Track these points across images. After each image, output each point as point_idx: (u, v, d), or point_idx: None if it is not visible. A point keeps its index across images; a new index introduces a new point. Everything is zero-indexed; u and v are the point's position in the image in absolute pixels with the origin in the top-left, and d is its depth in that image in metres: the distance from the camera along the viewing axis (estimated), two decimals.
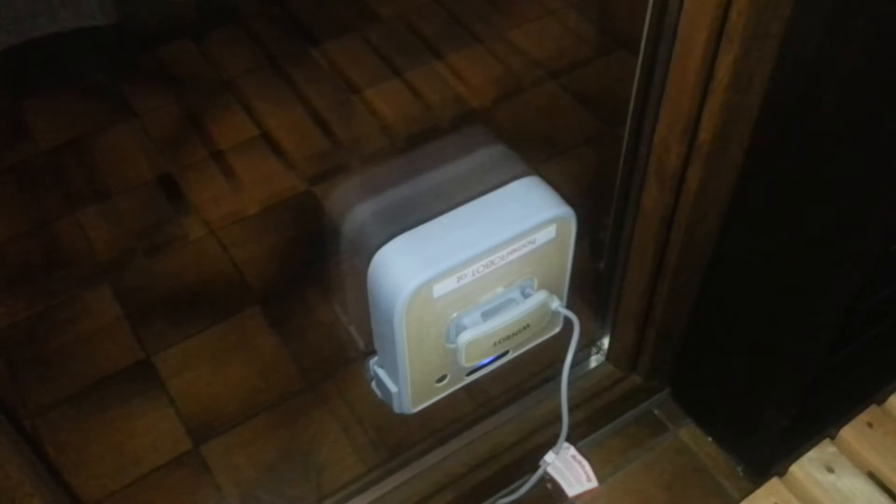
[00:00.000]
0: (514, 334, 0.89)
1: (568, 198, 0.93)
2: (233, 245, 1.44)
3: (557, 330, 0.95)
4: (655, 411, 1.27)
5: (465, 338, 0.85)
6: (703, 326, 1.15)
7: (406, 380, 0.88)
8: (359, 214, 1.11)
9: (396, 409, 0.94)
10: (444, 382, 0.93)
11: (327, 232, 1.47)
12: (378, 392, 0.95)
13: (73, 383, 1.28)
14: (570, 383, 0.98)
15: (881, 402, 1.13)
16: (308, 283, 1.40)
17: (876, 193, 0.84)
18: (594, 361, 1.26)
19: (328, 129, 1.62)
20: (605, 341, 1.24)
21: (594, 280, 1.21)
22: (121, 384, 1.28)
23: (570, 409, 1.05)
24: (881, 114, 0.80)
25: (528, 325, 0.90)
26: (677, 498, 1.18)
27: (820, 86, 0.83)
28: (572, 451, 1.12)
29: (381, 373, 0.92)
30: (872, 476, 1.04)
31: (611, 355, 1.25)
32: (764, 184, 0.95)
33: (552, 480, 1.18)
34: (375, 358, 0.93)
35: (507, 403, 1.22)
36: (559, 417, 1.05)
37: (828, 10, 0.79)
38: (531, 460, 1.16)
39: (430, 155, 1.19)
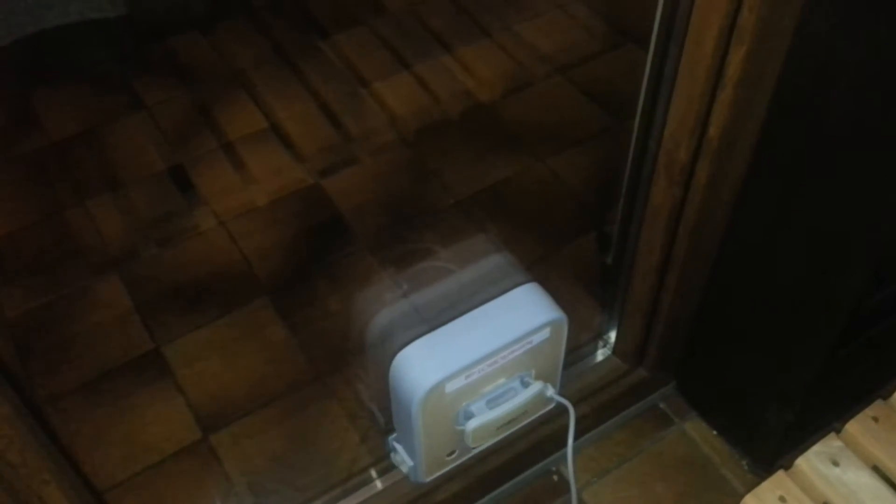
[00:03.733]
0: (514, 419, 1.03)
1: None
2: (242, 236, 1.45)
3: (551, 406, 1.08)
4: (661, 405, 1.27)
5: (471, 425, 0.99)
6: (710, 321, 1.15)
7: (421, 456, 1.02)
8: (383, 317, 1.30)
9: (412, 478, 1.07)
10: (453, 456, 1.06)
11: (335, 224, 1.48)
12: (396, 462, 1.08)
13: (85, 373, 1.29)
14: (575, 446, 1.07)
15: (887, 396, 1.13)
16: (317, 275, 1.41)
17: (883, 190, 0.85)
18: (600, 355, 1.27)
19: (337, 122, 1.62)
20: (612, 335, 1.25)
21: (601, 274, 1.21)
22: (131, 374, 1.29)
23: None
24: (890, 111, 0.80)
25: (526, 411, 1.04)
26: (682, 491, 1.18)
27: (829, 83, 0.84)
28: None
29: (400, 448, 1.06)
30: (877, 470, 1.04)
31: (617, 349, 1.25)
32: (772, 180, 0.95)
33: (558, 472, 1.19)
34: (395, 435, 1.06)
35: None
36: (566, 410, 1.06)
37: (839, 7, 0.79)
38: (537, 451, 1.17)
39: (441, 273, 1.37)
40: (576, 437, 1.06)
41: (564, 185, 1.53)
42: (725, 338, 1.15)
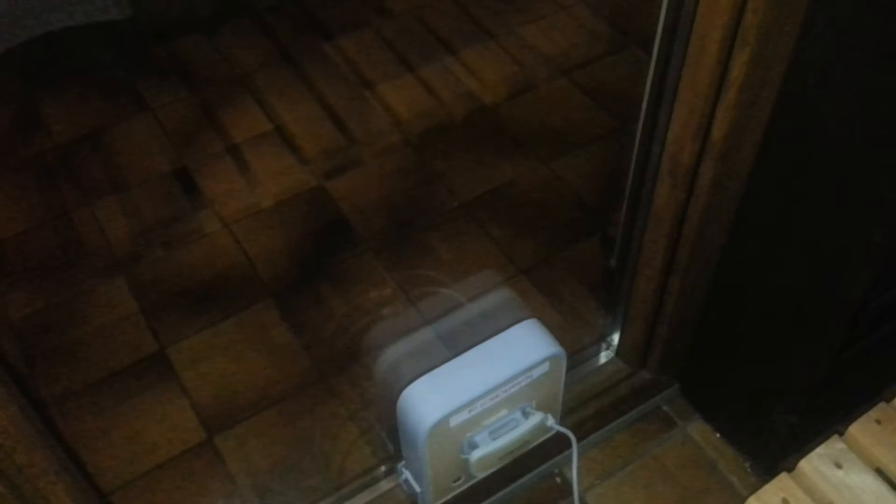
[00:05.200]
0: (516, 448, 1.07)
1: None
2: (246, 238, 1.46)
3: (552, 434, 1.11)
4: (664, 407, 1.27)
5: (475, 455, 1.04)
6: (713, 323, 1.15)
7: (428, 483, 1.06)
8: (390, 355, 1.33)
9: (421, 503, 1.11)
10: (459, 482, 1.10)
11: (340, 226, 1.49)
12: (405, 488, 1.13)
13: (90, 374, 1.29)
14: (578, 448, 1.09)
15: (890, 399, 1.13)
16: (321, 277, 1.41)
17: (887, 192, 0.85)
18: (604, 357, 1.27)
19: (341, 124, 1.63)
20: (615, 337, 1.25)
21: (605, 276, 1.22)
22: (136, 375, 1.29)
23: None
24: (894, 115, 0.80)
25: (527, 441, 1.08)
26: (686, 493, 1.18)
27: (833, 86, 0.84)
28: None
29: (409, 475, 1.10)
30: (880, 472, 1.04)
31: (621, 351, 1.25)
32: (776, 182, 0.96)
33: (560, 474, 1.19)
34: (403, 462, 1.10)
35: None
36: (571, 411, 1.06)
37: (842, 10, 0.79)
38: (541, 452, 1.17)
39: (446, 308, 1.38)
40: (579, 440, 1.07)
41: (568, 187, 1.53)
42: (729, 340, 1.15)
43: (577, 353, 1.26)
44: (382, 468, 1.17)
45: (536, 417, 1.06)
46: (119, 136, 1.62)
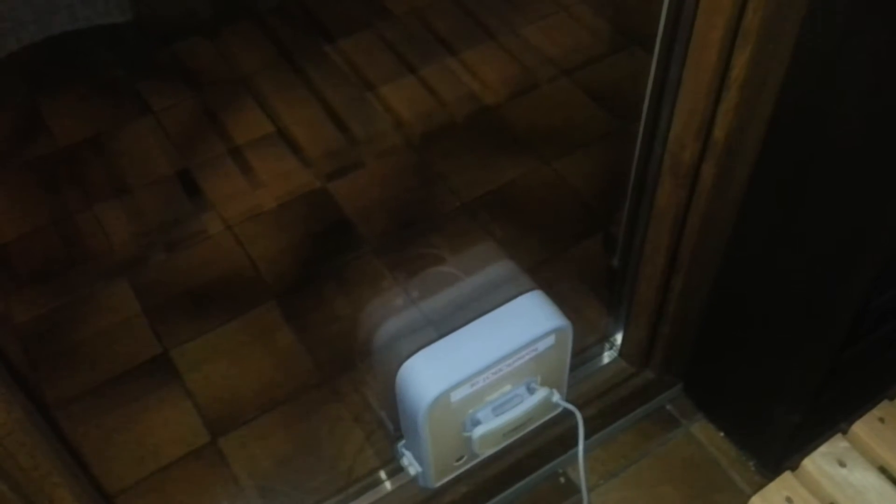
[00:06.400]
0: (520, 426, 1.03)
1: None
2: (249, 240, 1.46)
3: (558, 412, 1.08)
4: (668, 406, 1.28)
5: (478, 432, 1.00)
6: (716, 322, 1.15)
7: (429, 462, 1.02)
8: (390, 320, 1.30)
9: (421, 483, 1.07)
10: (461, 461, 1.06)
11: (342, 228, 1.49)
12: (405, 468, 1.08)
13: (93, 377, 1.30)
14: (586, 451, 1.08)
15: (893, 397, 1.13)
16: (323, 278, 1.41)
17: (889, 191, 0.85)
18: (607, 357, 1.27)
19: (343, 126, 1.63)
20: (619, 337, 1.25)
21: (607, 276, 1.22)
22: (140, 378, 1.30)
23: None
24: (895, 114, 0.80)
25: (532, 417, 1.04)
26: (689, 492, 1.19)
27: (835, 84, 0.84)
28: None
29: (408, 454, 1.06)
30: (884, 470, 1.04)
31: (624, 351, 1.26)
32: (777, 181, 0.96)
33: (565, 475, 1.19)
34: (403, 441, 1.06)
35: None
36: (573, 414, 1.06)
37: (843, 8, 0.79)
38: (545, 454, 1.17)
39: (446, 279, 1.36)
40: (583, 440, 1.07)
41: (570, 187, 1.53)
42: (732, 339, 1.15)
43: (580, 352, 1.26)
44: (386, 469, 1.17)
45: (542, 393, 1.02)
46: (121, 138, 1.62)
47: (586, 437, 1.17)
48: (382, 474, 1.17)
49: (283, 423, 1.25)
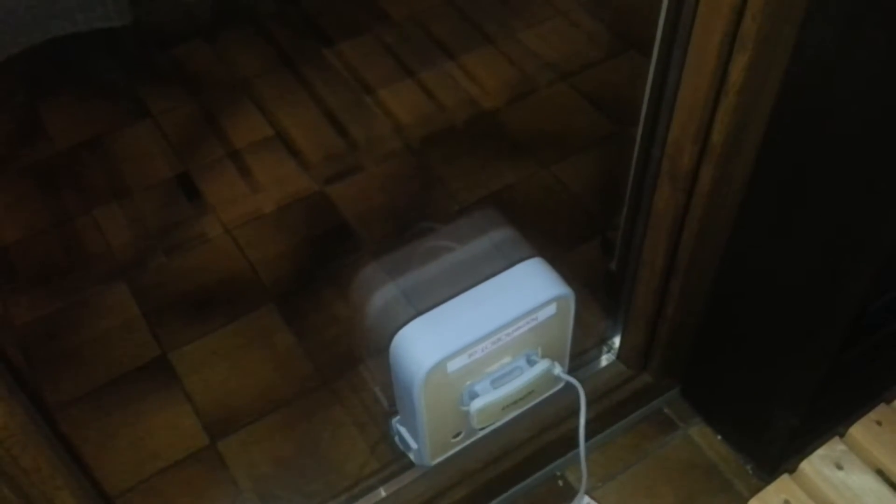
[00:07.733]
0: (520, 399, 0.98)
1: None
2: (248, 244, 1.46)
3: (560, 387, 1.03)
4: (665, 409, 1.28)
5: (476, 405, 0.94)
6: (714, 325, 1.16)
7: (425, 438, 0.97)
8: (383, 294, 1.23)
9: (416, 461, 1.03)
10: (459, 437, 1.02)
11: (341, 231, 1.49)
12: (400, 445, 1.04)
13: (93, 380, 1.30)
14: (587, 436, 1.05)
15: (890, 400, 1.13)
16: (323, 282, 1.42)
17: (886, 195, 0.85)
18: (605, 360, 1.28)
19: (342, 129, 1.63)
20: (616, 340, 1.25)
21: (605, 279, 1.22)
22: (139, 381, 1.30)
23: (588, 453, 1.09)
24: (893, 118, 0.81)
25: (532, 391, 0.99)
26: (687, 496, 1.19)
27: (832, 88, 0.84)
28: (586, 500, 1.14)
29: (403, 430, 1.01)
30: (881, 473, 1.05)
31: (622, 354, 1.26)
32: (776, 185, 0.96)
33: (563, 477, 1.20)
34: (398, 417, 1.02)
35: None
36: (574, 413, 1.06)
37: (841, 13, 0.80)
38: (544, 457, 1.17)
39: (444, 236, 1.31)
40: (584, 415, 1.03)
41: (568, 191, 1.54)
42: (729, 343, 1.16)
43: (578, 356, 1.26)
44: (386, 472, 1.18)
45: (542, 365, 0.97)
46: (121, 142, 1.62)
47: (585, 440, 1.18)
48: (381, 478, 1.17)
49: (283, 426, 1.25)
